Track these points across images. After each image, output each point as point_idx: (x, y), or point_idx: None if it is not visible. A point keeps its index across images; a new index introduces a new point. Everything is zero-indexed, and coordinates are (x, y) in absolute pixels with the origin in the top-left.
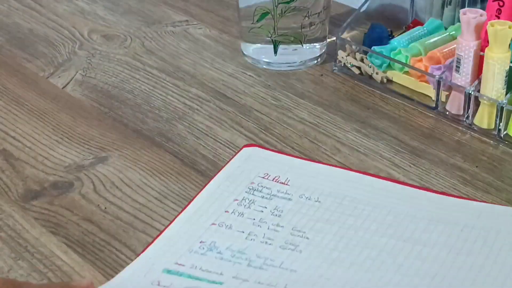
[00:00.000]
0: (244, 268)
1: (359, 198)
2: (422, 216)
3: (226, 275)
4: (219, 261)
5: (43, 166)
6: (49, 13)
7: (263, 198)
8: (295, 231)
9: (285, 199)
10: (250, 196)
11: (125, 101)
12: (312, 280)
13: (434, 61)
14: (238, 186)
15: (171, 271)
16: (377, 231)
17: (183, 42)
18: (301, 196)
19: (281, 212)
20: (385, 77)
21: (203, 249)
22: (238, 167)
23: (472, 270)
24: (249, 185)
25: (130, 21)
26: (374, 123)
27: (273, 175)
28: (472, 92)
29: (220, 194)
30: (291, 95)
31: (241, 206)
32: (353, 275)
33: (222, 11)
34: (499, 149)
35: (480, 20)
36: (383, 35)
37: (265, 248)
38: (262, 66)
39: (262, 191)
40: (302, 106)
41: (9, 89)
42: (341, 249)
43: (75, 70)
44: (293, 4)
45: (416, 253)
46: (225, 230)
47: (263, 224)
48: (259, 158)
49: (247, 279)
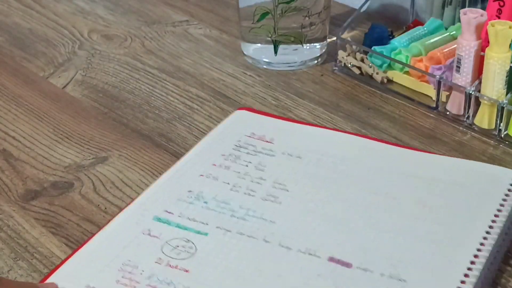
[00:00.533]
0: (227, 218)
1: (337, 154)
2: (394, 170)
3: (210, 225)
4: (205, 211)
5: (43, 166)
6: (49, 13)
7: (248, 154)
8: (276, 184)
9: (268, 155)
10: (236, 152)
11: (125, 101)
12: (288, 232)
13: (435, 61)
14: (225, 143)
15: (161, 219)
16: (352, 184)
17: (183, 42)
18: (283, 152)
19: (264, 166)
20: (386, 77)
21: (190, 198)
22: (227, 127)
23: (436, 223)
24: (236, 142)
25: (130, 21)
26: (375, 123)
27: (259, 134)
28: (472, 92)
29: (209, 150)
30: (291, 95)
31: (227, 161)
32: (327, 226)
33: (222, 11)
34: (500, 149)
35: (481, 20)
36: (383, 35)
37: (247, 199)
38: (262, 66)
39: (248, 148)
40: (302, 106)
41: (9, 89)
42: (318, 201)
43: (75, 70)
44: (294, 4)
45: (386, 205)
46: (211, 181)
47: (247, 177)
48: (247, 119)
49: (230, 230)
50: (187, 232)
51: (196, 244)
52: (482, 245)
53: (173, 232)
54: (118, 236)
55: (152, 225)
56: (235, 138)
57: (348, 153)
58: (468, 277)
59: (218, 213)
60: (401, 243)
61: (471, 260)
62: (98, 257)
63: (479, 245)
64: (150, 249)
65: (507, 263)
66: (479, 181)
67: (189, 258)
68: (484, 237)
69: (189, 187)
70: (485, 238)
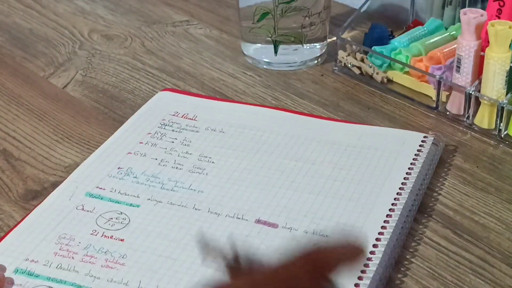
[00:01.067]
0: (158, 190)
1: (258, 127)
2: (312, 138)
3: (142, 197)
4: (135, 185)
5: (43, 166)
6: (49, 13)
7: (173, 132)
8: (202, 157)
9: (193, 132)
10: (161, 130)
11: (125, 101)
12: (217, 199)
13: (435, 61)
14: (151, 122)
15: (93, 195)
16: (273, 153)
17: (183, 42)
18: (207, 128)
19: (190, 142)
20: (386, 77)
21: (121, 174)
22: (150, 108)
23: (352, 183)
24: (161, 121)
25: (130, 21)
26: (375, 123)
27: (182, 112)
28: (472, 92)
29: (134, 129)
30: (291, 95)
31: (154, 138)
32: (252, 191)
33: (222, 11)
34: (500, 149)
35: (481, 20)
36: (383, 35)
37: (175, 172)
38: (262, 66)
39: (173, 126)
40: (303, 106)
41: (9, 89)
42: (242, 170)
43: (75, 70)
44: (294, 4)
45: (306, 170)
46: (140, 157)
47: (174, 152)
48: (170, 99)
49: (160, 201)
50: (119, 205)
51: (129, 215)
52: (397, 199)
53: (106, 206)
54: (53, 212)
55: (85, 200)
56: (160, 117)
57: (269, 126)
58: (385, 228)
59: (148, 186)
60: (321, 202)
61: (387, 214)
62: (35, 232)
63: (394, 200)
64: (85, 222)
65: (419, 222)
66: (390, 144)
67: (123, 228)
68: (398, 193)
69: (118, 164)
70: (398, 194)
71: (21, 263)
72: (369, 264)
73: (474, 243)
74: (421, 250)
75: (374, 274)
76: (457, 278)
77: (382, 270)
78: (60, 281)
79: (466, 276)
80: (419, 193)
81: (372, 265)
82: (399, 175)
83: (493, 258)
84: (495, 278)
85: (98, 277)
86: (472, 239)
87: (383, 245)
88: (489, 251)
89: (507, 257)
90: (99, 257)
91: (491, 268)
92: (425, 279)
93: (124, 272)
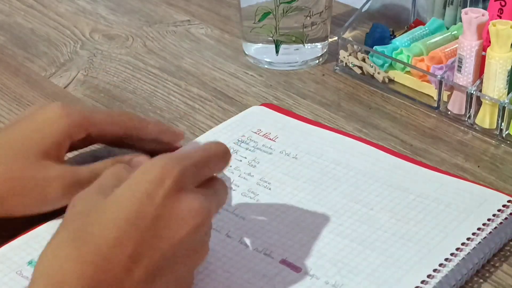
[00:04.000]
0: None
1: (335, 158)
2: (385, 181)
3: None
4: None
5: None
6: (50, 12)
7: (246, 150)
8: (261, 181)
9: (266, 153)
10: (236, 146)
11: (126, 101)
12: (254, 229)
13: (436, 61)
14: (229, 137)
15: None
16: (335, 190)
17: (184, 42)
18: (281, 151)
19: (258, 163)
20: (387, 77)
21: None
22: (237, 121)
23: (402, 238)
24: (240, 137)
25: (131, 20)
26: (376, 123)
27: (265, 131)
28: (474, 92)
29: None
30: (292, 95)
31: None
32: (293, 228)
33: (223, 11)
34: (501, 148)
35: (482, 19)
36: (384, 35)
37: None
38: (263, 66)
39: (249, 144)
40: (304, 106)
41: (10, 88)
42: (294, 202)
43: (77, 70)
44: (295, 3)
45: (360, 215)
46: None
47: (236, 171)
48: (261, 115)
49: None
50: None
51: None
52: (442, 266)
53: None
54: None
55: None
56: (241, 132)
57: (345, 158)
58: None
59: None
60: (358, 253)
61: (422, 280)
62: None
63: (438, 266)
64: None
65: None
66: (464, 201)
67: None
68: (447, 259)
69: None
70: (447, 260)
71: (37, 257)
72: None
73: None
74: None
75: None
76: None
77: None
78: None
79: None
80: (475, 262)
81: None
82: (457, 239)
83: (494, 257)
84: (497, 278)
85: None
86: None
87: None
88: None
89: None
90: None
91: (493, 268)
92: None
93: None
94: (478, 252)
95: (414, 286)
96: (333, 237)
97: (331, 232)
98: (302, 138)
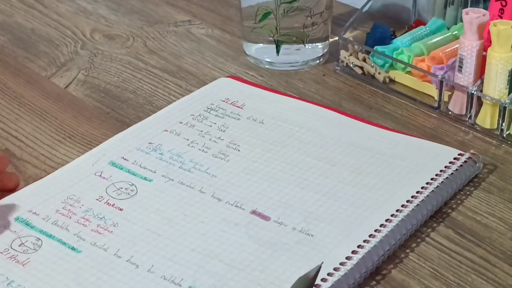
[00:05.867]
0: (175, 169)
1: (298, 122)
2: (345, 141)
3: (157, 173)
4: (157, 161)
5: (46, 166)
6: (51, 12)
7: (216, 116)
8: (231, 144)
9: (234, 119)
10: (205, 113)
11: (127, 101)
12: (224, 186)
13: (437, 61)
14: (199, 105)
15: (115, 164)
16: (300, 150)
17: (185, 42)
18: (249, 117)
19: (227, 128)
20: (388, 77)
21: (149, 149)
22: (206, 91)
23: (363, 189)
24: (209, 105)
25: (132, 20)
26: (377, 123)
27: (233, 99)
28: (474, 92)
29: (181, 109)
30: (293, 95)
31: (194, 120)
32: (261, 183)
33: (224, 11)
34: (502, 149)
35: (483, 20)
36: (385, 35)
37: (200, 154)
38: (264, 66)
39: (218, 111)
40: None
41: (11, 88)
42: (262, 161)
43: (77, 70)
44: (296, 4)
45: (324, 171)
46: (173, 136)
47: (207, 135)
48: (229, 86)
49: (172, 179)
50: (134, 177)
51: (138, 188)
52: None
53: (121, 176)
54: (73, 173)
55: (106, 168)
56: (209, 101)
57: (309, 122)
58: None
59: (168, 164)
60: (322, 203)
61: (381, 223)
62: (49, 189)
63: (395, 211)
64: (96, 188)
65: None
66: (419, 156)
67: (128, 199)
68: (403, 205)
69: (151, 139)
70: (403, 206)
71: (24, 213)
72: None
73: (476, 243)
74: (423, 250)
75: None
76: (459, 278)
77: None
78: (49, 235)
79: (468, 276)
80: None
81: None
82: (412, 188)
83: (495, 258)
84: (497, 278)
85: (84, 239)
86: (474, 239)
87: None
88: (491, 251)
89: (509, 257)
90: (93, 222)
91: (493, 268)
92: (427, 279)
93: (108, 239)
94: (432, 199)
95: (374, 229)
96: (299, 190)
97: (297, 186)
98: (268, 105)
